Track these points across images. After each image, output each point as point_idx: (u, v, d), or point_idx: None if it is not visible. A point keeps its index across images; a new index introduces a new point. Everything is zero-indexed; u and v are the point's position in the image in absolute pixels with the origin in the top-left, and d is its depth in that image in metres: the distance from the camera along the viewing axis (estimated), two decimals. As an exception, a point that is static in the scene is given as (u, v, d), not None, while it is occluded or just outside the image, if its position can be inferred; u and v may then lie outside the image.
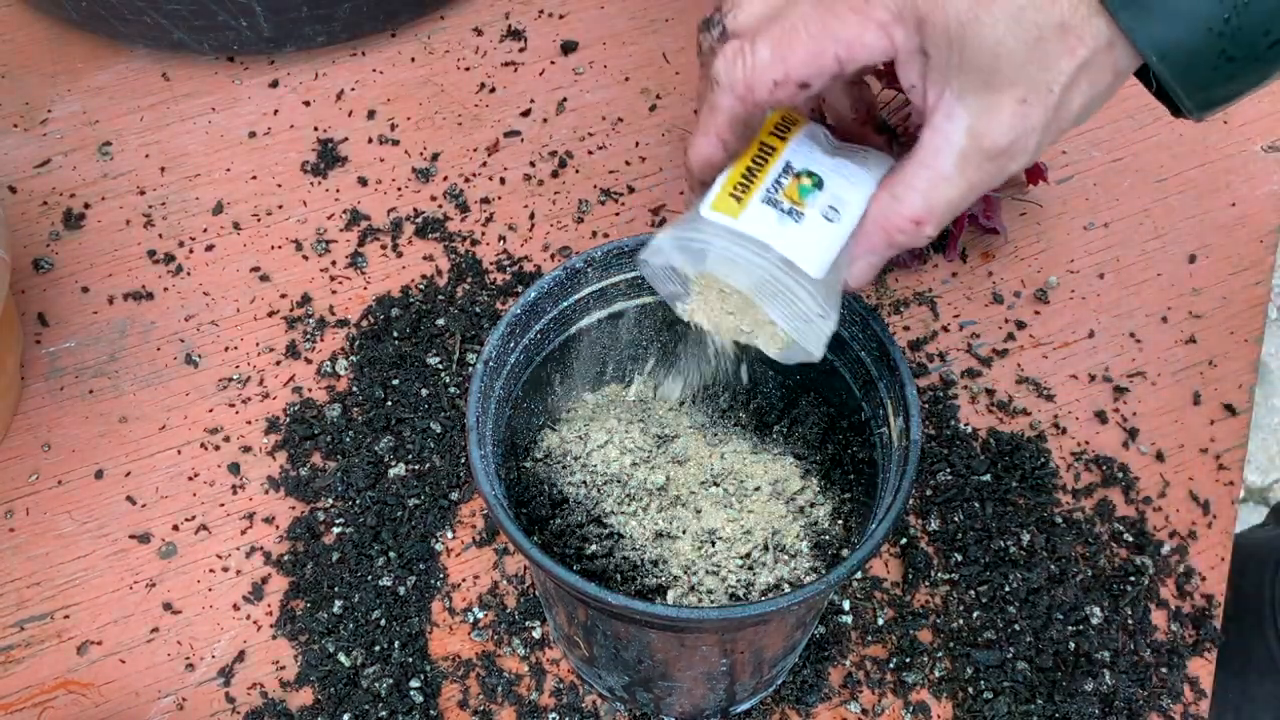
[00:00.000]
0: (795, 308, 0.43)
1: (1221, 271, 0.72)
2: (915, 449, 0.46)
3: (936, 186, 0.41)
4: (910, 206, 0.41)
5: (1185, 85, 0.38)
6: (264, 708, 0.57)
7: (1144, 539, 0.62)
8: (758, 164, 0.43)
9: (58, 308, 0.70)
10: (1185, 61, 0.37)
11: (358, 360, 0.68)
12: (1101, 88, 0.39)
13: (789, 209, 0.42)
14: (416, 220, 0.74)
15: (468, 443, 0.46)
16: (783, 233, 0.42)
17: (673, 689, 0.52)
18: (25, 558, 0.62)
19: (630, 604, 0.42)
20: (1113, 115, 0.79)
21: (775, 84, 0.41)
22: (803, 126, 0.45)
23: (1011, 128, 0.39)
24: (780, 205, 0.42)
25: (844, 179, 0.43)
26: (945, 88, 0.39)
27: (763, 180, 0.43)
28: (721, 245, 0.42)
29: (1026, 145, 0.40)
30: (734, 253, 0.42)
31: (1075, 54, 0.38)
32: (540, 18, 0.84)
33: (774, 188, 0.43)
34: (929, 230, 0.42)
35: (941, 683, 0.58)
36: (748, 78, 0.41)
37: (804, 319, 0.43)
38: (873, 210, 0.43)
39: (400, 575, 0.61)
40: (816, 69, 0.40)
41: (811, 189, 0.43)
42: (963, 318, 0.70)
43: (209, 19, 0.76)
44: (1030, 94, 0.38)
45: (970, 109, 0.39)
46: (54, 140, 0.78)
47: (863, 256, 0.43)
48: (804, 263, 0.42)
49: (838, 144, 0.45)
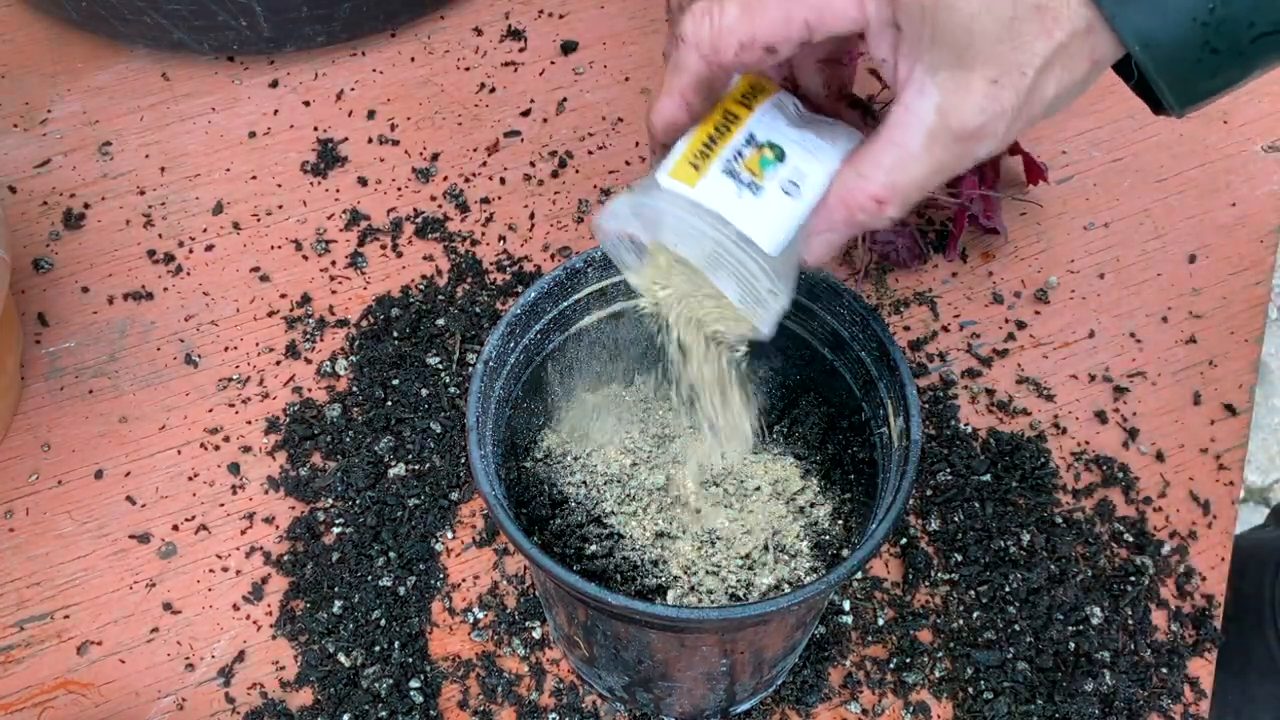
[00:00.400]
0: (748, 283, 0.42)
1: (1221, 271, 0.72)
2: (915, 449, 0.46)
3: (903, 164, 0.39)
4: (875, 184, 0.40)
5: (1167, 77, 0.37)
6: (264, 708, 0.57)
7: (1144, 539, 0.62)
8: (720, 132, 0.42)
9: (58, 308, 0.70)
10: (1168, 52, 0.37)
11: (358, 360, 0.68)
12: (1078, 76, 0.38)
13: (748, 181, 0.41)
14: (416, 220, 0.74)
15: (468, 443, 0.46)
16: (740, 205, 0.41)
17: (673, 689, 0.52)
18: (25, 558, 0.62)
19: (630, 604, 0.42)
20: (1113, 115, 0.79)
21: (741, 45, 0.40)
22: (770, 95, 0.43)
23: (982, 109, 0.38)
24: (739, 177, 0.41)
25: (807, 152, 0.42)
26: (916, 63, 0.38)
27: (723, 149, 0.42)
28: (676, 215, 0.41)
29: (995, 129, 0.39)
30: (688, 223, 0.41)
31: (1051, 36, 0.37)
32: (540, 18, 0.84)
33: (735, 158, 0.41)
34: (891, 210, 0.40)
35: (942, 683, 0.58)
36: (714, 37, 0.40)
37: (755, 295, 0.42)
38: (835, 186, 0.41)
39: (400, 575, 0.60)
40: (784, 33, 0.39)
41: (773, 161, 0.41)
42: (963, 318, 0.70)
43: (209, 19, 0.76)
44: (1003, 75, 0.37)
45: (941, 86, 0.38)
46: (54, 140, 0.78)
47: (822, 233, 0.42)
48: (759, 237, 0.41)
49: (807, 115, 0.44)
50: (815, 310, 0.52)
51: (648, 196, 0.42)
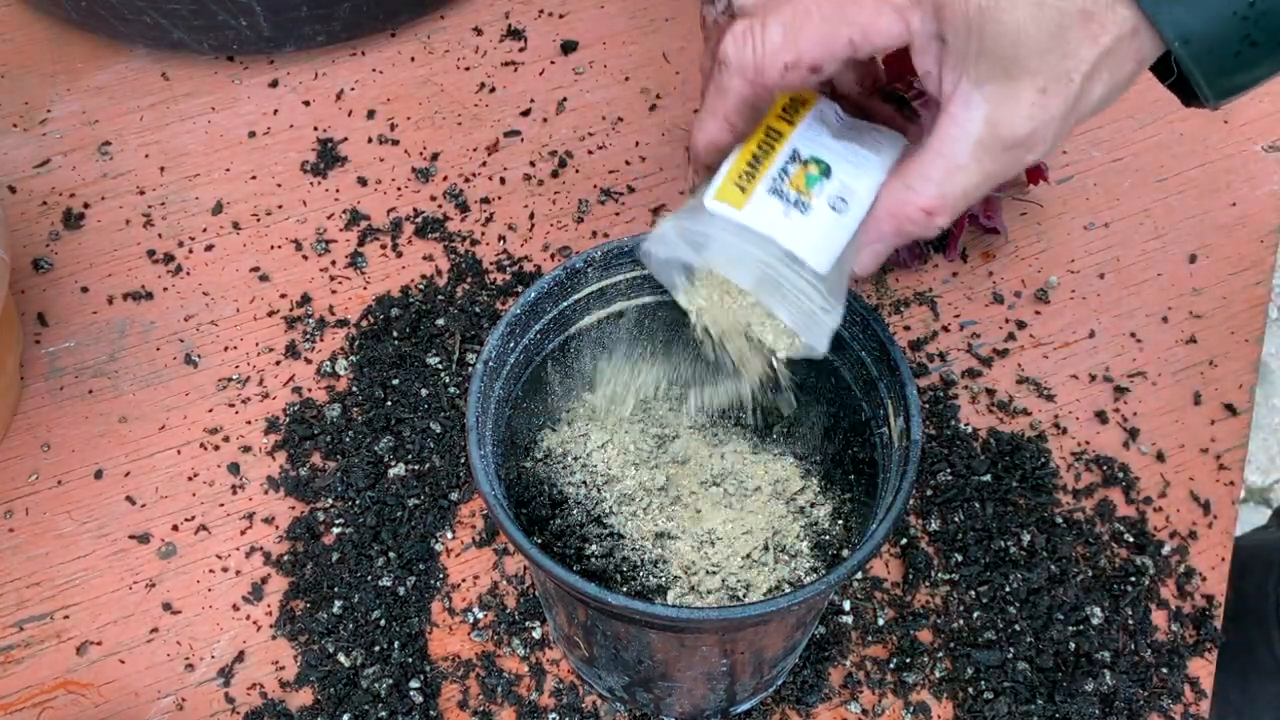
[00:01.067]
0: (800, 303, 0.42)
1: (1222, 271, 0.72)
2: (915, 449, 0.46)
3: (952, 176, 0.39)
4: (924, 196, 0.40)
5: (1206, 72, 0.37)
6: (264, 708, 0.57)
7: (1144, 539, 0.62)
8: (764, 150, 0.42)
9: (57, 308, 0.70)
10: (1208, 47, 0.37)
11: (357, 360, 0.68)
12: (1122, 77, 0.38)
13: (795, 199, 0.41)
14: (416, 220, 0.74)
15: (468, 443, 0.46)
16: (788, 226, 0.40)
17: (673, 689, 0.52)
18: (25, 558, 0.62)
19: (630, 604, 0.42)
20: (1113, 115, 0.78)
21: (786, 67, 0.40)
22: (811, 107, 0.43)
23: (1031, 117, 0.38)
24: (786, 196, 0.41)
25: (852, 166, 0.42)
26: (963, 75, 0.38)
27: (768, 169, 0.41)
28: (724, 239, 0.41)
29: (1045, 136, 0.39)
30: (737, 247, 0.41)
31: (1098, 41, 0.37)
32: (540, 18, 0.84)
33: (780, 177, 0.41)
34: (941, 221, 0.41)
35: (942, 683, 0.58)
36: (758, 60, 0.40)
37: (808, 314, 0.42)
38: (884, 198, 0.41)
39: (400, 575, 0.60)
40: (829, 53, 0.39)
41: (819, 177, 0.41)
42: (963, 318, 0.70)
43: (209, 19, 0.76)
44: (1050, 83, 0.37)
45: (989, 97, 0.38)
46: (54, 140, 0.78)
47: (870, 245, 0.42)
48: (809, 257, 0.41)
49: (848, 122, 0.44)
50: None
51: (695, 221, 0.42)
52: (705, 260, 0.43)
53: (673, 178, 0.76)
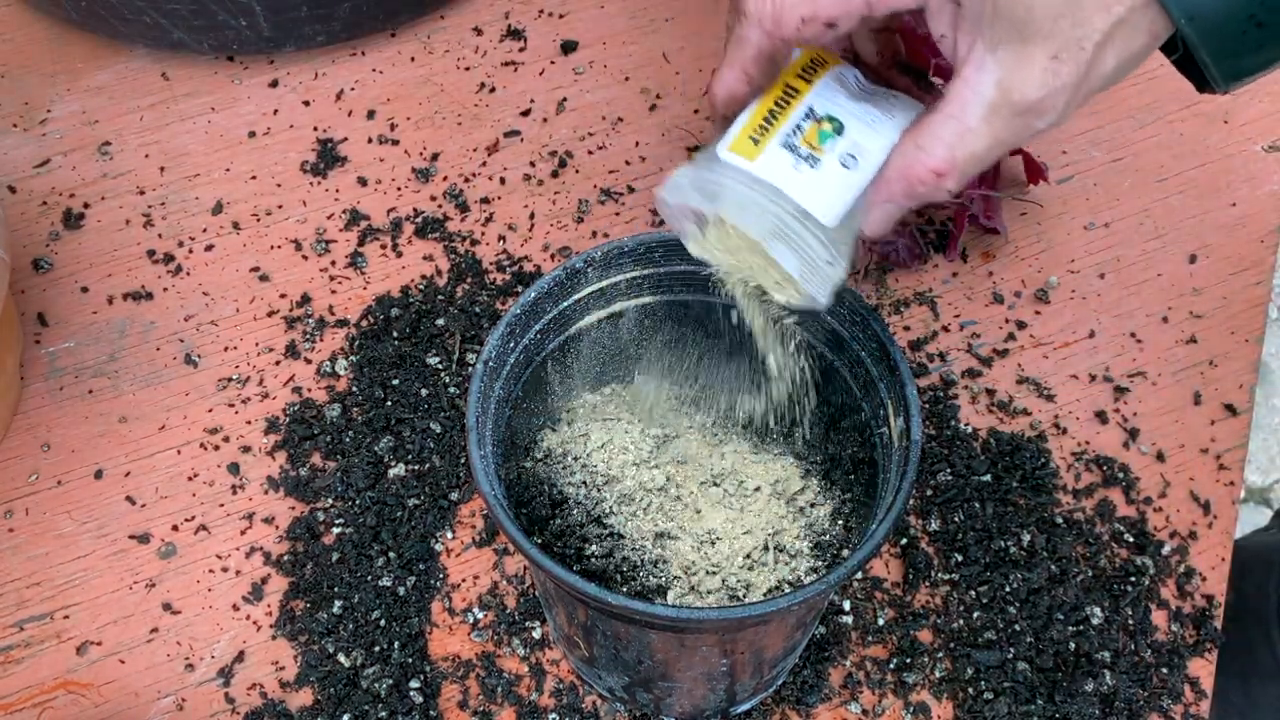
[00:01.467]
0: (805, 254, 0.43)
1: (1222, 271, 0.72)
2: (915, 449, 0.46)
3: (963, 138, 0.40)
4: (934, 157, 0.40)
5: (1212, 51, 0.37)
6: (264, 708, 0.57)
7: (1144, 539, 0.62)
8: (780, 106, 0.43)
9: (57, 308, 0.70)
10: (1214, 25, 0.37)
11: (357, 360, 0.68)
12: (1136, 48, 0.38)
13: (806, 154, 0.42)
14: (416, 220, 0.74)
15: (468, 443, 0.46)
16: (798, 178, 0.42)
17: (673, 689, 0.52)
18: (25, 558, 0.62)
19: (630, 604, 0.42)
20: (1113, 115, 0.78)
21: (803, 20, 0.40)
22: (830, 68, 0.44)
23: (1042, 84, 0.38)
24: (798, 150, 0.42)
25: (866, 125, 0.43)
26: (977, 38, 0.39)
27: (783, 123, 0.42)
28: (735, 188, 0.42)
29: (1055, 103, 0.39)
30: (746, 197, 0.42)
31: (1111, 11, 0.37)
32: (540, 18, 0.84)
33: (794, 132, 0.42)
34: (950, 183, 0.41)
35: (942, 683, 0.58)
36: (775, 12, 0.41)
37: (813, 266, 0.43)
38: (895, 159, 0.42)
39: (400, 575, 0.60)
40: (845, 9, 0.40)
41: (831, 134, 0.42)
42: (963, 318, 0.70)
43: (209, 19, 0.76)
44: (1063, 50, 0.38)
45: (1001, 62, 0.38)
46: (54, 140, 0.78)
47: (881, 205, 0.43)
48: (817, 209, 0.42)
49: (868, 87, 0.44)
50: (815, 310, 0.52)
51: (708, 170, 0.43)
52: (716, 208, 0.43)
53: (673, 178, 0.76)
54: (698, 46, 0.82)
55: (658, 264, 0.53)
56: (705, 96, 0.75)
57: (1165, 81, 0.79)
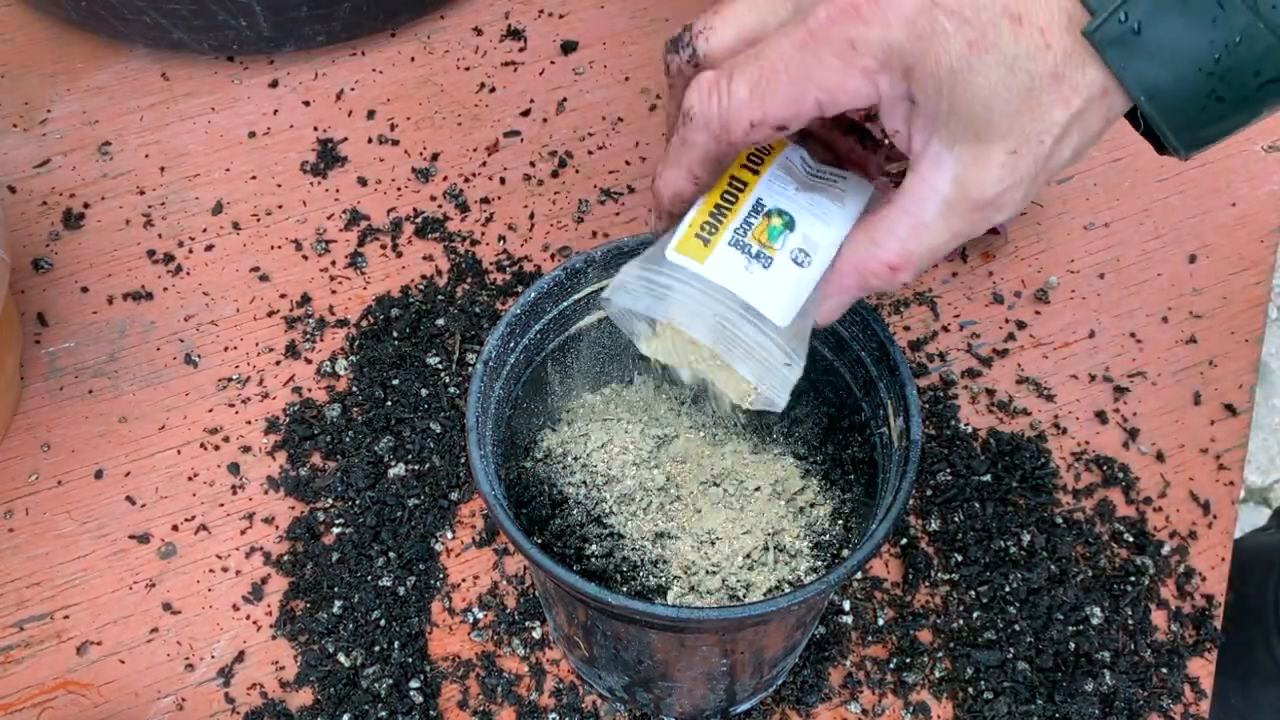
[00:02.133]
0: (760, 356, 0.42)
1: (1222, 271, 0.72)
2: (915, 449, 0.46)
3: (918, 234, 0.40)
4: (889, 253, 0.40)
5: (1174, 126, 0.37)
6: (264, 708, 0.57)
7: (1144, 539, 0.62)
8: (727, 201, 0.42)
9: (57, 308, 0.70)
10: (1175, 103, 0.37)
11: (357, 360, 0.68)
12: (1091, 134, 0.38)
13: (757, 252, 0.41)
14: (416, 220, 0.74)
15: (468, 443, 0.46)
16: (749, 280, 0.41)
17: (673, 689, 0.52)
18: (25, 558, 0.62)
19: (630, 604, 0.42)
20: (1113, 115, 0.78)
21: (752, 125, 0.40)
22: (777, 155, 0.43)
23: (1000, 179, 0.38)
24: (748, 249, 0.41)
25: (817, 218, 0.42)
26: (933, 136, 0.38)
27: (731, 220, 0.41)
28: (685, 290, 0.41)
29: (1014, 197, 0.39)
30: (698, 300, 0.41)
31: (1069, 104, 0.37)
32: (540, 18, 0.84)
33: (742, 229, 0.41)
34: (904, 276, 0.41)
35: (942, 683, 0.58)
36: (723, 116, 0.40)
37: (770, 369, 0.42)
38: (848, 252, 0.41)
39: (400, 575, 0.60)
40: (795, 113, 0.39)
41: (782, 230, 0.41)
42: (963, 318, 0.70)
43: (209, 19, 0.76)
44: (1021, 145, 0.37)
45: (959, 159, 0.38)
46: (54, 140, 0.78)
47: (834, 297, 0.42)
48: (771, 311, 0.41)
49: (814, 169, 0.44)
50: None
51: (656, 273, 0.41)
52: (665, 312, 0.42)
53: (673, 178, 0.76)
54: (698, 46, 0.82)
55: None
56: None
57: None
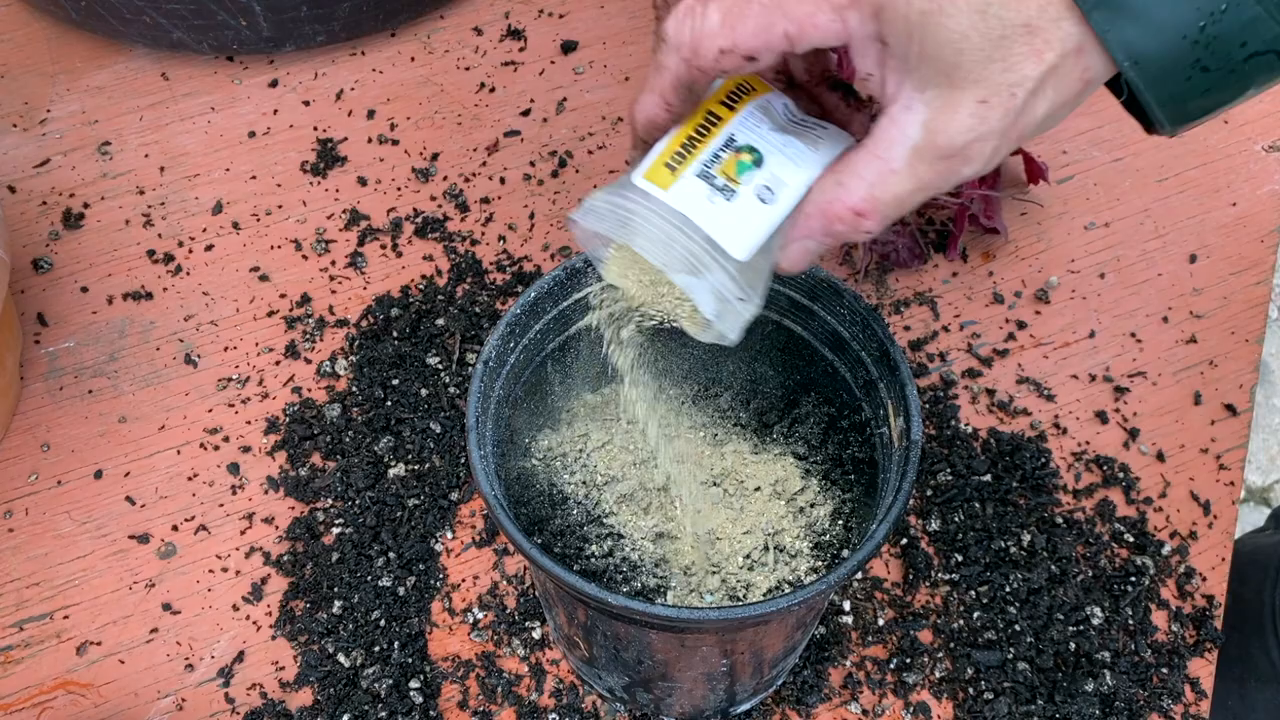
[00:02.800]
0: (715, 288, 0.41)
1: (1222, 271, 0.72)
2: (915, 449, 0.46)
3: (884, 179, 0.39)
4: (854, 195, 0.39)
5: (1158, 95, 0.37)
6: (263, 708, 0.57)
7: (1144, 539, 0.62)
8: (700, 134, 0.41)
9: (57, 307, 0.70)
10: (1159, 70, 0.36)
11: (357, 360, 0.68)
12: (1068, 95, 0.38)
13: (722, 185, 0.40)
14: (416, 220, 0.74)
15: (468, 442, 0.46)
16: (711, 210, 0.40)
17: (673, 689, 0.52)
18: (25, 558, 0.62)
19: (630, 604, 0.42)
20: (1113, 115, 0.78)
21: (721, 51, 0.39)
22: (757, 96, 0.43)
23: (969, 128, 0.38)
24: (714, 181, 0.40)
25: (787, 158, 0.41)
26: (905, 79, 0.38)
27: (700, 152, 0.41)
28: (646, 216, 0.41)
29: (982, 150, 0.38)
30: (660, 227, 0.40)
31: (1042, 58, 0.36)
32: (540, 18, 0.84)
33: (711, 161, 0.41)
34: (869, 224, 0.40)
35: (942, 683, 0.58)
36: (694, 40, 0.40)
37: (723, 300, 0.41)
38: (814, 194, 0.41)
39: (400, 575, 0.60)
40: (764, 43, 0.39)
41: (750, 165, 0.41)
42: (963, 318, 0.70)
43: (208, 18, 0.76)
44: (992, 95, 0.37)
45: (929, 104, 0.38)
46: (53, 140, 0.77)
47: (798, 240, 0.41)
48: (728, 244, 0.40)
49: (796, 117, 0.43)
50: (815, 310, 0.52)
51: (621, 196, 0.41)
52: (627, 236, 0.42)
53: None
54: (698, 46, 0.82)
55: None
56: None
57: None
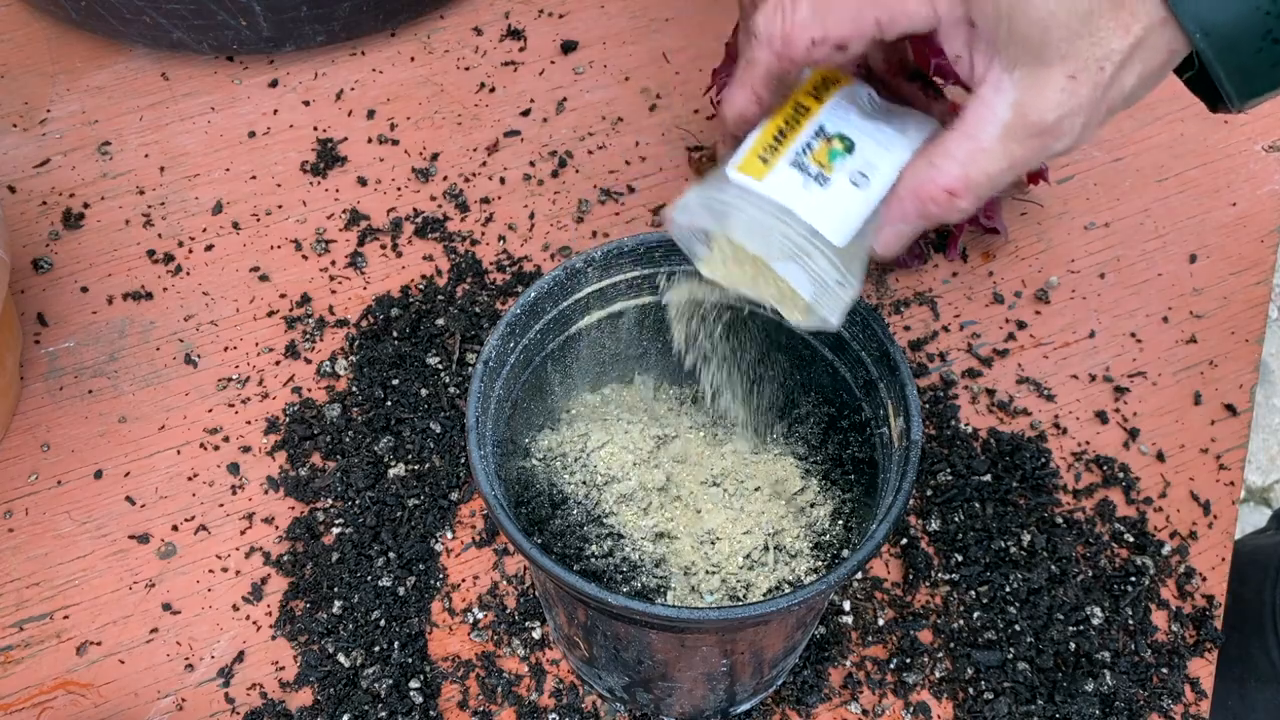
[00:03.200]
0: (815, 274, 0.42)
1: (1222, 271, 0.72)
2: (915, 450, 0.46)
3: (976, 158, 0.39)
4: (947, 176, 0.40)
5: (1227, 67, 0.37)
6: (263, 708, 0.57)
7: (1144, 539, 0.62)
8: (790, 125, 0.42)
9: (57, 307, 0.70)
10: (1229, 41, 0.36)
11: (357, 360, 0.68)
12: (1154, 66, 0.38)
13: (816, 173, 0.41)
14: (416, 220, 0.74)
15: (468, 443, 0.46)
16: (806, 197, 0.41)
17: (673, 689, 0.52)
18: (25, 558, 0.62)
19: (630, 604, 0.42)
20: (1113, 115, 0.78)
21: (813, 42, 0.40)
22: (842, 86, 0.44)
23: (1059, 104, 0.38)
24: (808, 169, 0.41)
25: (877, 144, 0.42)
26: (994, 59, 0.38)
27: (792, 142, 0.42)
28: (744, 208, 0.41)
29: (1073, 124, 0.39)
30: (757, 217, 0.41)
31: (1130, 31, 0.37)
32: (540, 18, 0.84)
33: (803, 150, 0.42)
34: (963, 204, 0.40)
35: (942, 683, 0.58)
36: (785, 32, 0.40)
37: (823, 286, 0.42)
38: (907, 177, 0.41)
39: (400, 575, 0.60)
40: (855, 31, 0.40)
41: (842, 153, 0.42)
42: (963, 318, 0.70)
43: (208, 18, 0.76)
44: (1080, 70, 0.37)
45: (1018, 83, 0.38)
46: (53, 140, 0.77)
47: (893, 224, 0.42)
48: (826, 229, 0.41)
49: (881, 105, 0.44)
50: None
51: (716, 190, 0.42)
52: (725, 228, 0.43)
53: (672, 178, 0.76)
54: (698, 46, 0.82)
55: (658, 264, 0.52)
56: (714, 114, 0.75)
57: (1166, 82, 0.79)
